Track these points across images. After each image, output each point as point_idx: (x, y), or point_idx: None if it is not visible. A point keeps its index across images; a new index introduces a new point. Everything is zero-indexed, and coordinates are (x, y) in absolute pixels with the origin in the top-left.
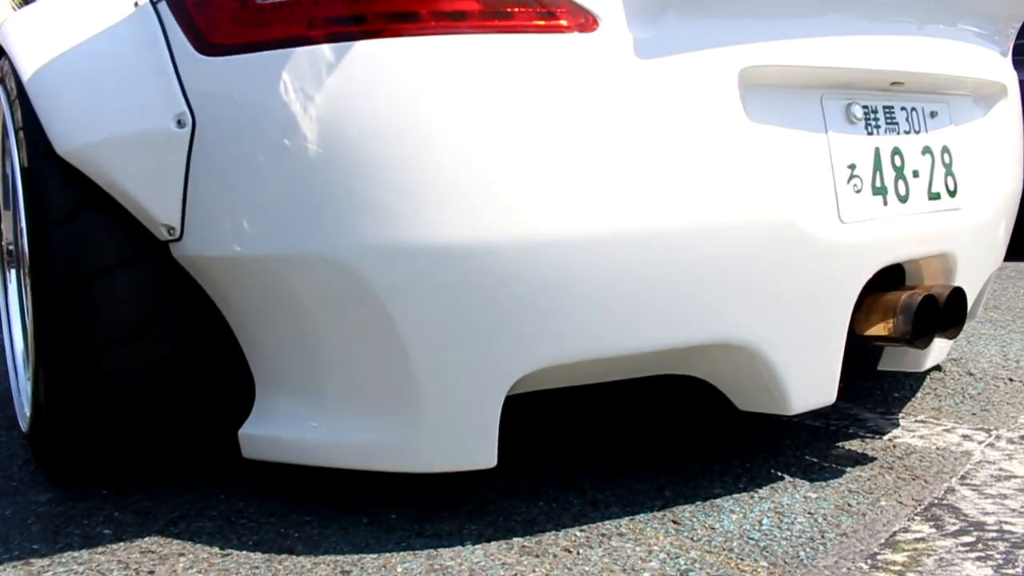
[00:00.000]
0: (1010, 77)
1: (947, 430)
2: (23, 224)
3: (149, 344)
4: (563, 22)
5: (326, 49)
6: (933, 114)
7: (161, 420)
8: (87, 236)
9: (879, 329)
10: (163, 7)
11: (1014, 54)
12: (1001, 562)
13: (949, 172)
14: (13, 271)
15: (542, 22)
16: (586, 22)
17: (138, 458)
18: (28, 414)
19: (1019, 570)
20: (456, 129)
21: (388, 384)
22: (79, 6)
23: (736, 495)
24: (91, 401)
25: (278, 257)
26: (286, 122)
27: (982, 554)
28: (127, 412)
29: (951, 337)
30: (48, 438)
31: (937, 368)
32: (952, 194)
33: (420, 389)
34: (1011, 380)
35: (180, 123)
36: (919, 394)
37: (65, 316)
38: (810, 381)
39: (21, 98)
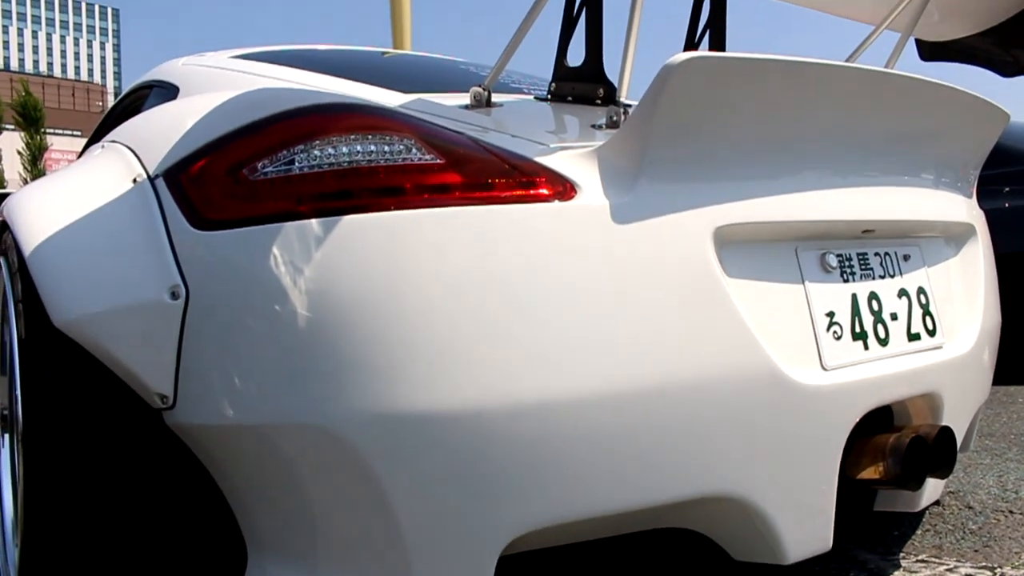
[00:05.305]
0: (977, 217)
1: (949, 570)
2: (18, 391)
3: (141, 513)
4: (543, 191)
5: (315, 224)
6: (906, 257)
7: None
8: (81, 405)
9: (870, 472)
10: (160, 183)
11: (980, 185)
12: None
13: (927, 312)
14: (7, 436)
15: (523, 192)
16: (565, 190)
17: None
18: None
19: None
20: (441, 298)
21: (380, 549)
22: (81, 182)
23: None
24: (82, 570)
25: (269, 425)
26: (277, 294)
27: None
28: None
29: (943, 477)
30: None
31: (936, 502)
32: (931, 333)
33: (411, 555)
34: (1011, 512)
35: (174, 295)
36: (919, 531)
37: (57, 484)
38: (805, 529)
39: (22, 271)
